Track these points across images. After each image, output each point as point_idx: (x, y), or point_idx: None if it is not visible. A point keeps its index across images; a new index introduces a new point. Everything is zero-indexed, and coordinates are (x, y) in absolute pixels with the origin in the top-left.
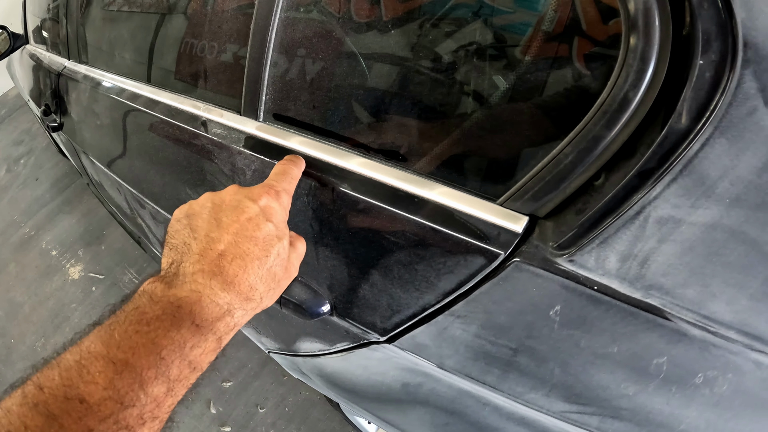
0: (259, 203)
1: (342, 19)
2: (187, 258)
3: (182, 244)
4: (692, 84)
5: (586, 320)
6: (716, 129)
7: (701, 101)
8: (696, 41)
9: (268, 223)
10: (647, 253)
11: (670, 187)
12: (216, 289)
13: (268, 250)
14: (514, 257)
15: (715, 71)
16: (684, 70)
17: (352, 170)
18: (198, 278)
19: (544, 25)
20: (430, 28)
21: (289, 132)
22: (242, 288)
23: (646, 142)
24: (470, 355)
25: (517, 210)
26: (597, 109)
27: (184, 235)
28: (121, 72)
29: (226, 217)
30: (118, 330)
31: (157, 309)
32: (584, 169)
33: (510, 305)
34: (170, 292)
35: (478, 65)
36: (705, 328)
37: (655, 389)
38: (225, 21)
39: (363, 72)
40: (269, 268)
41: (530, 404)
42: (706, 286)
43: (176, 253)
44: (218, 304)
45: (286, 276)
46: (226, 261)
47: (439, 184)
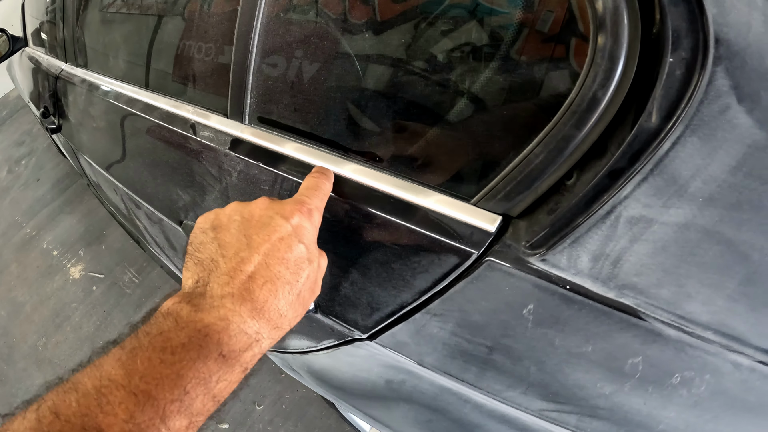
0: (291, 222)
1: (322, 22)
2: (215, 278)
3: (209, 260)
4: (662, 82)
5: (560, 319)
6: (687, 128)
7: (672, 100)
8: (666, 39)
9: (299, 244)
10: (619, 252)
11: (641, 186)
12: (245, 316)
13: (299, 274)
14: (487, 256)
15: (685, 69)
16: (654, 69)
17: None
18: (227, 303)
19: (518, 25)
20: (409, 29)
21: (273, 134)
22: (272, 315)
23: (616, 141)
24: (448, 352)
25: (491, 210)
26: (566, 109)
27: (211, 251)
28: (115, 75)
29: (256, 235)
30: (140, 357)
31: (182, 336)
32: (555, 168)
33: (484, 304)
34: (197, 317)
35: (451, 67)
36: (681, 328)
37: (631, 389)
38: (212, 24)
39: (340, 74)
40: (299, 293)
41: (509, 402)
42: (680, 286)
43: (202, 269)
44: (247, 333)
45: (311, 297)
46: (257, 285)
47: (414, 185)
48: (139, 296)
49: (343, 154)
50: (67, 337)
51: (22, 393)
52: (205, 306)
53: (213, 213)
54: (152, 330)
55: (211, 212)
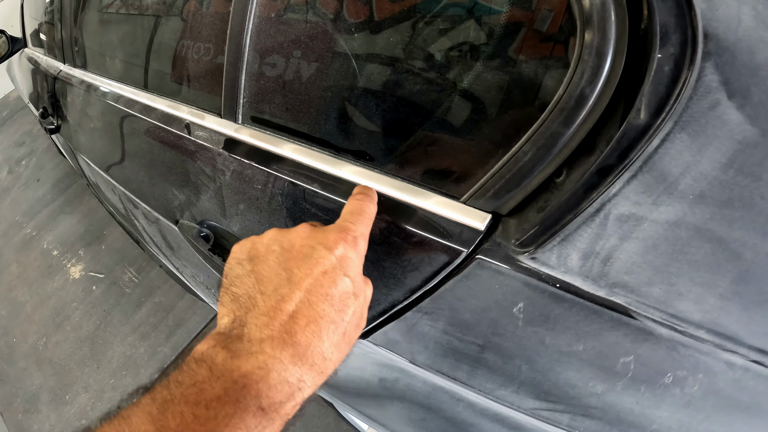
0: (335, 253)
1: (315, 21)
2: (253, 318)
3: (246, 296)
4: (650, 78)
5: (550, 318)
6: (676, 124)
7: (660, 96)
8: (654, 34)
9: (345, 277)
10: (609, 250)
11: (630, 183)
12: (286, 362)
13: (345, 311)
14: (476, 254)
15: (674, 65)
16: (642, 65)
17: (321, 170)
18: (266, 348)
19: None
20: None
21: (266, 134)
22: (316, 360)
23: (604, 138)
24: (439, 350)
25: (480, 208)
26: (554, 106)
27: (248, 286)
28: (113, 76)
29: (298, 268)
30: (172, 411)
31: (218, 387)
32: (544, 166)
33: (474, 302)
34: (234, 364)
35: (441, 66)
36: (672, 327)
37: (623, 388)
38: (206, 25)
39: (332, 73)
40: (344, 332)
41: (501, 401)
42: (672, 284)
43: (239, 307)
44: (288, 382)
45: (357, 333)
46: (299, 326)
47: (404, 183)
48: (139, 295)
49: (333, 153)
50: (68, 337)
51: (23, 392)
52: (242, 352)
53: (249, 241)
54: (185, 379)
55: (248, 240)
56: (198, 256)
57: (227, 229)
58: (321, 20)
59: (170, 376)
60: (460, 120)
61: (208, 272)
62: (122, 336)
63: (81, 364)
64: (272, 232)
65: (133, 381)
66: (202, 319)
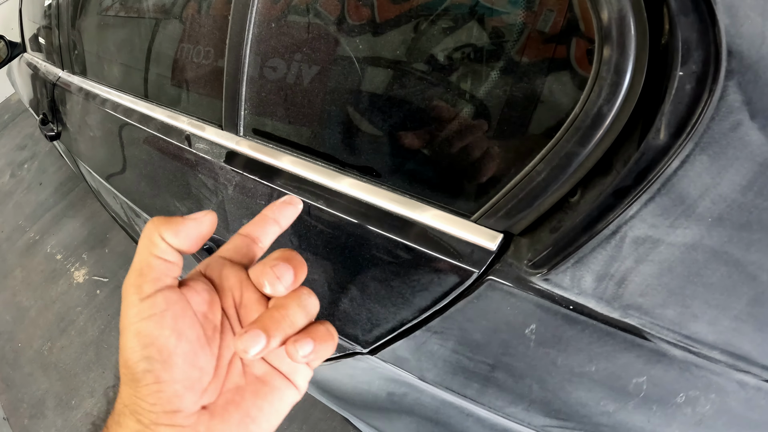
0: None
1: (316, 27)
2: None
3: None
4: (671, 97)
5: (562, 339)
6: (697, 145)
7: (681, 115)
8: (675, 51)
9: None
10: (624, 273)
11: (648, 206)
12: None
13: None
14: (488, 275)
15: (696, 83)
16: (662, 83)
17: (326, 185)
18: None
19: (526, 31)
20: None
21: (269, 147)
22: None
23: (622, 158)
24: (449, 369)
25: (492, 227)
26: (570, 125)
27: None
28: (112, 84)
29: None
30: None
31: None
32: (558, 186)
33: (485, 323)
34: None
35: (454, 78)
36: (686, 348)
37: (635, 407)
38: (204, 34)
39: (338, 85)
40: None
41: (511, 417)
42: (686, 306)
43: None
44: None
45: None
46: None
47: (413, 200)
48: None
49: (339, 168)
50: (72, 342)
51: (29, 397)
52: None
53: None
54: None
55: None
56: None
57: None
58: (325, 27)
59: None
60: (472, 136)
61: None
62: None
63: (86, 368)
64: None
65: None
66: None
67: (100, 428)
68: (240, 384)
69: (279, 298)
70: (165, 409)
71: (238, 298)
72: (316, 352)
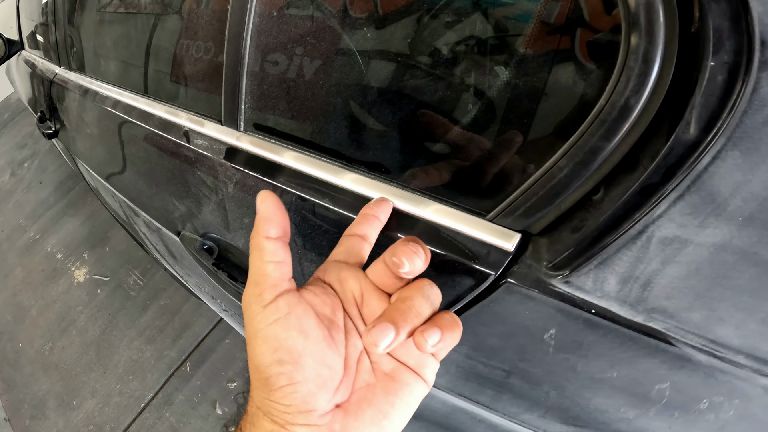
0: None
1: (319, 19)
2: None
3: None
4: (702, 89)
5: (583, 344)
6: (729, 140)
7: (712, 108)
8: (706, 40)
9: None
10: (650, 275)
11: (677, 204)
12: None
13: (247, 312)
14: (505, 278)
15: (727, 74)
16: (692, 74)
17: (333, 183)
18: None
19: (543, 19)
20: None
21: (271, 143)
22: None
23: (649, 154)
24: (462, 375)
25: (509, 226)
26: (594, 118)
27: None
28: (108, 80)
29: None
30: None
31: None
32: (581, 183)
33: (501, 328)
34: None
35: (465, 67)
36: (711, 353)
37: (656, 414)
38: (202, 26)
39: (341, 76)
40: (251, 334)
41: (525, 424)
42: (713, 309)
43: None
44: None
45: (249, 334)
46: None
47: (424, 198)
48: (144, 298)
49: (345, 164)
50: (73, 341)
51: (30, 398)
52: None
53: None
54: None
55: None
56: (202, 270)
57: (232, 243)
58: (329, 18)
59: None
60: (488, 130)
61: (213, 284)
62: (128, 340)
63: (87, 368)
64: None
65: (140, 385)
66: (208, 322)
67: (102, 429)
68: (370, 381)
69: (403, 290)
70: (300, 409)
71: (359, 297)
72: (444, 341)
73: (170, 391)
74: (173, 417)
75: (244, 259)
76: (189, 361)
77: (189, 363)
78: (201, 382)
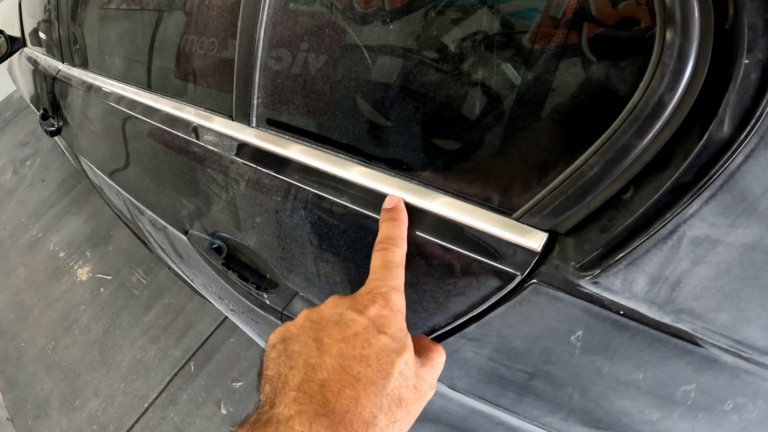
0: (367, 313)
1: (334, 14)
2: (282, 396)
3: (277, 376)
4: (736, 87)
5: (610, 346)
6: (762, 139)
7: (746, 107)
8: (740, 37)
9: (380, 335)
10: (679, 275)
11: (709, 203)
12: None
13: (386, 370)
14: (531, 279)
15: (761, 72)
16: (726, 71)
17: (351, 180)
18: (295, 425)
19: (558, 14)
20: (428, 22)
21: (284, 138)
22: (357, 427)
23: (681, 152)
24: (483, 377)
25: (535, 226)
26: (627, 115)
27: (279, 365)
28: (113, 76)
29: (327, 336)
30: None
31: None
32: (611, 181)
33: (527, 330)
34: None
35: (488, 63)
36: (738, 354)
37: (680, 416)
38: (213, 18)
39: (361, 72)
40: (390, 393)
41: (547, 427)
42: (740, 310)
43: (271, 389)
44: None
45: (417, 397)
46: (332, 393)
47: (448, 196)
48: (148, 297)
49: (364, 161)
50: (76, 340)
51: (33, 398)
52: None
53: (283, 326)
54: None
55: (282, 326)
56: (210, 269)
57: (242, 242)
58: (346, 10)
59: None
60: (515, 127)
61: (221, 283)
62: (132, 339)
63: (90, 368)
64: (303, 312)
65: (143, 385)
66: (212, 321)
67: (106, 429)
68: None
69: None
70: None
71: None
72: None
73: (174, 391)
74: (177, 417)
75: (254, 258)
76: (193, 361)
77: (193, 362)
78: (205, 381)
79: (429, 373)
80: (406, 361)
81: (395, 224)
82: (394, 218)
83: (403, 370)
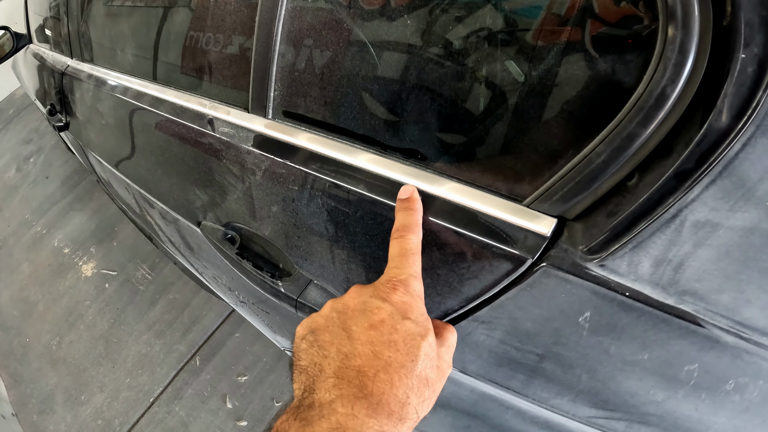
0: (390, 300)
1: (354, 7)
2: (321, 382)
3: (312, 365)
4: (733, 79)
5: (617, 327)
6: (758, 128)
7: (743, 98)
8: (738, 33)
9: (405, 321)
10: (682, 258)
11: (709, 189)
12: (361, 416)
13: (414, 353)
14: (542, 262)
15: (758, 66)
16: (725, 65)
17: (367, 169)
18: (338, 407)
19: (562, 8)
20: (445, 14)
21: (300, 129)
22: (393, 407)
23: (683, 141)
24: (494, 360)
25: (545, 211)
26: (632, 105)
27: (312, 355)
28: (125, 69)
29: (355, 325)
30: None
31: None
32: (617, 168)
33: (537, 312)
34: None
35: (499, 54)
36: (738, 334)
37: (684, 396)
38: (229, 11)
39: (378, 63)
40: (419, 374)
41: (555, 409)
42: (741, 291)
43: (307, 377)
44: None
45: (440, 376)
46: (368, 378)
47: (461, 184)
48: (153, 293)
49: (380, 151)
50: (81, 336)
51: (38, 393)
52: (314, 417)
53: (309, 318)
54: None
55: (308, 318)
56: (223, 260)
57: (257, 232)
58: (359, 4)
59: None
60: (525, 116)
61: (232, 274)
62: (137, 334)
63: (96, 363)
64: (328, 303)
65: (148, 380)
66: (217, 316)
67: (111, 423)
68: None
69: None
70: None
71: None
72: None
73: (180, 386)
74: (183, 411)
75: (267, 248)
76: (199, 355)
77: (199, 357)
78: (211, 376)
79: (446, 352)
80: (429, 344)
81: (411, 213)
82: (409, 207)
83: (428, 352)
